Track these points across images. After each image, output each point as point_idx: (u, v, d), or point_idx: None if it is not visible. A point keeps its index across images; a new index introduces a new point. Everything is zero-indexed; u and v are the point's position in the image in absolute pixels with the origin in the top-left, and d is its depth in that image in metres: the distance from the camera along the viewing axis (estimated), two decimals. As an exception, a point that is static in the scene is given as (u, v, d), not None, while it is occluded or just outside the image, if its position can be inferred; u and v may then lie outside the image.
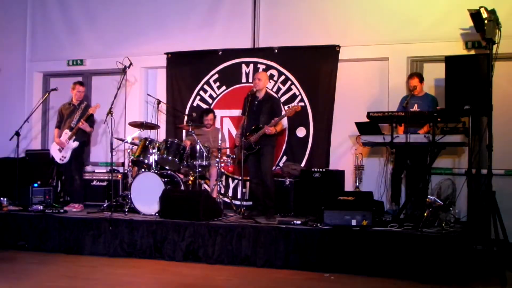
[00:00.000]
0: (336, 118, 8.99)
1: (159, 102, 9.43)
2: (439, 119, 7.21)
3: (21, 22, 10.92)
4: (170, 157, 8.43)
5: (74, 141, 8.78)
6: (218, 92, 9.68)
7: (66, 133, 8.80)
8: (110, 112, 8.41)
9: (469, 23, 7.09)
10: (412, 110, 7.73)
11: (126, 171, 9.35)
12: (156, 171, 8.29)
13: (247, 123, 8.06)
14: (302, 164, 9.04)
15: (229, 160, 8.61)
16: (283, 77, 9.29)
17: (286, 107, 8.74)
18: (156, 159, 8.41)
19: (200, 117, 9.19)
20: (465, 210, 7.32)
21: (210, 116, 9.19)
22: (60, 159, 8.85)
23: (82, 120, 8.74)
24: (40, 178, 9.47)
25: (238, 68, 9.58)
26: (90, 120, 8.95)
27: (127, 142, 8.88)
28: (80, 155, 9.06)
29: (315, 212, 7.54)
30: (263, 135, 7.97)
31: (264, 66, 9.38)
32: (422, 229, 6.69)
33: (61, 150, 8.83)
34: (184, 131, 9.72)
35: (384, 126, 8.08)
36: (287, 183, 8.59)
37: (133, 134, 9.01)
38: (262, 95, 8.23)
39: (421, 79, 8.04)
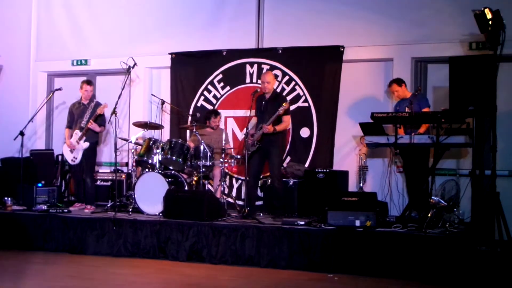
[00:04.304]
0: (340, 118, 8.99)
1: (163, 102, 9.43)
2: (443, 120, 7.20)
3: (26, 22, 10.92)
4: (174, 157, 8.43)
5: (84, 141, 8.75)
6: (222, 92, 9.68)
7: (76, 133, 8.77)
8: (114, 112, 8.43)
9: (474, 23, 7.06)
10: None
11: (130, 171, 9.36)
12: (160, 171, 8.29)
13: (256, 122, 8.10)
14: (306, 165, 9.03)
15: (233, 161, 8.60)
16: (287, 78, 9.28)
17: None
18: (160, 159, 8.40)
19: (207, 118, 9.15)
20: (469, 211, 7.31)
21: (219, 118, 9.19)
22: (72, 160, 8.84)
23: (91, 120, 8.71)
24: (44, 177, 9.49)
25: (242, 69, 9.58)
26: (101, 119, 8.85)
27: (131, 142, 8.87)
28: (92, 157, 8.99)
29: (318, 212, 7.53)
30: (266, 134, 7.98)
31: (268, 67, 9.36)
32: (426, 230, 6.70)
33: (72, 151, 8.81)
34: (188, 132, 9.73)
35: (388, 127, 8.07)
36: (291, 183, 8.58)
37: (137, 134, 9.00)
38: (269, 94, 8.25)
39: (399, 83, 8.08)
